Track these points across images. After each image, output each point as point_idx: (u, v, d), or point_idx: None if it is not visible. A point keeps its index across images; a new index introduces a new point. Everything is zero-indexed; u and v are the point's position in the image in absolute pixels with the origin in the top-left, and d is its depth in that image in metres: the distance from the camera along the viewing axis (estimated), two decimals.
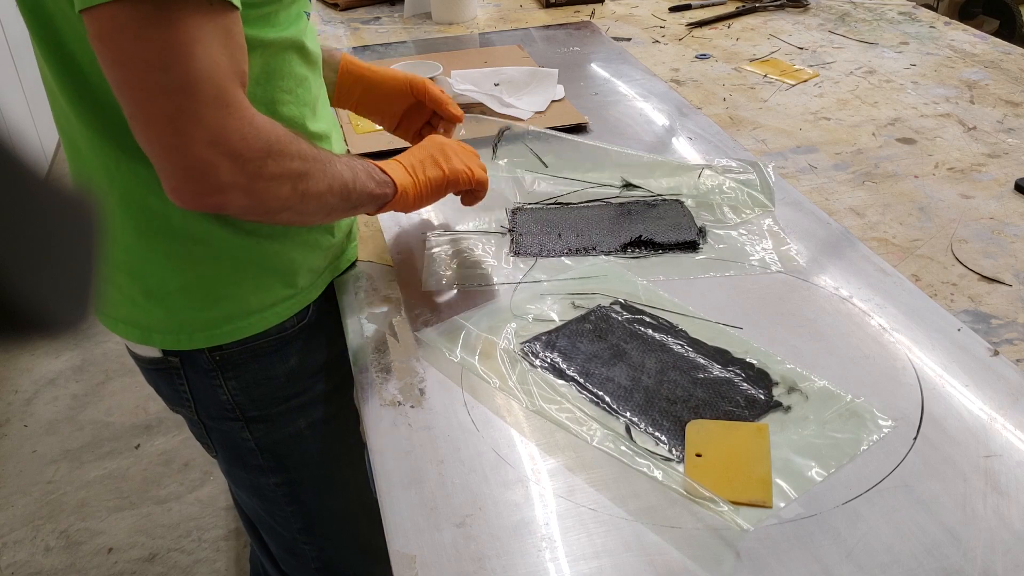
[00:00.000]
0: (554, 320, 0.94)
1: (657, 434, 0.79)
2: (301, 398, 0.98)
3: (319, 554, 1.11)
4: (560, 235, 1.08)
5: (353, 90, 1.08)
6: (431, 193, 0.95)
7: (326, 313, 0.99)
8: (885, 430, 0.78)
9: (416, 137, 1.12)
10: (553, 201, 1.16)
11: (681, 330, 0.91)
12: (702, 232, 1.08)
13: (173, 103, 0.67)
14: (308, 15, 0.87)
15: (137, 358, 0.97)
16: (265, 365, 0.94)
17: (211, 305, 0.88)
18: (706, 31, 1.84)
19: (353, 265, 1.04)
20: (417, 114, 1.11)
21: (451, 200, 1.03)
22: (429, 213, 1.16)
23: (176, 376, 0.94)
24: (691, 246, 1.06)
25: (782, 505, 0.71)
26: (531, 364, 0.87)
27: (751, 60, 1.66)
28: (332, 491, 1.07)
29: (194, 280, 0.86)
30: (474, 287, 1.00)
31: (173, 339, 0.90)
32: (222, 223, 0.84)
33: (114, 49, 0.66)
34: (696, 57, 1.69)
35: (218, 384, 0.94)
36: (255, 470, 1.01)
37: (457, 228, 1.11)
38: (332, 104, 1.06)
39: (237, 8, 0.70)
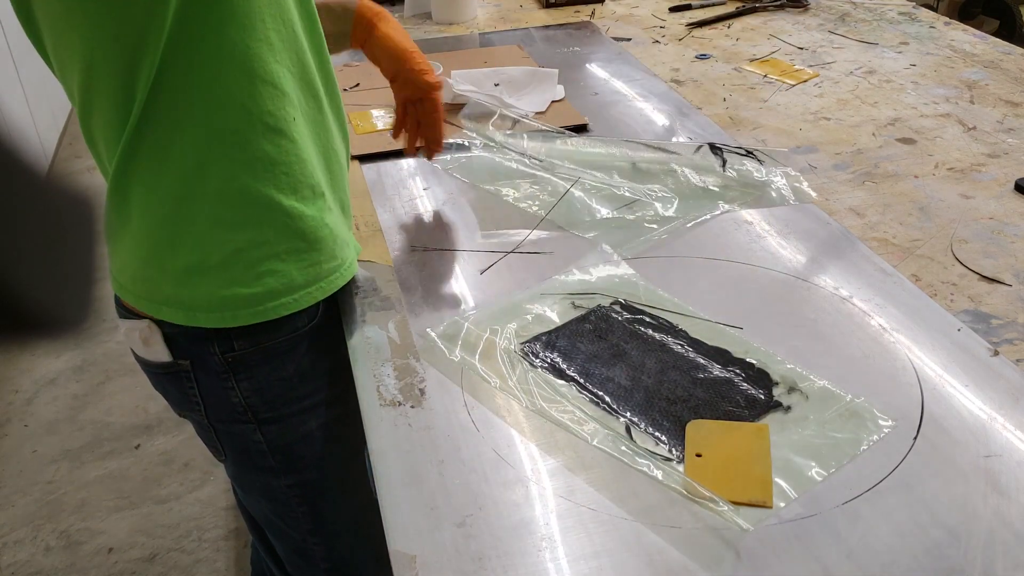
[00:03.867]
0: (554, 320, 0.94)
1: (657, 434, 0.79)
2: (312, 399, 0.98)
3: (329, 554, 1.11)
4: None
5: (364, 33, 1.09)
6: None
7: (335, 314, 0.99)
8: (885, 430, 0.78)
9: (400, 108, 1.13)
10: None
11: (681, 330, 0.91)
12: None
13: None
14: None
15: (145, 363, 0.96)
16: (277, 366, 0.94)
17: (255, 280, 0.87)
18: (706, 31, 1.84)
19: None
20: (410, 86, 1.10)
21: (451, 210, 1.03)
22: (427, 220, 1.16)
23: (186, 379, 0.94)
24: None
25: (782, 505, 0.71)
26: (531, 364, 0.87)
27: (751, 60, 1.66)
28: (344, 492, 1.07)
29: (235, 254, 0.85)
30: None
31: (218, 317, 0.88)
32: (262, 191, 0.84)
33: None
34: (696, 57, 1.69)
35: (230, 386, 0.93)
36: (266, 472, 1.01)
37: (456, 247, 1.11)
38: (345, 45, 1.08)
39: None
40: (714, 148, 1.25)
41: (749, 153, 1.23)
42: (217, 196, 0.83)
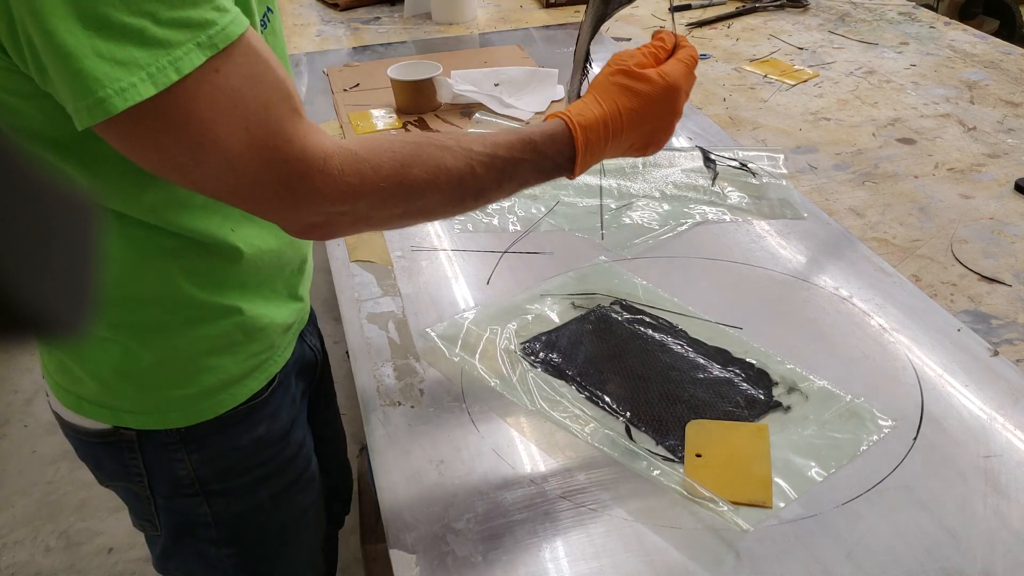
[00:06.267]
0: (554, 320, 0.93)
1: (657, 434, 0.79)
2: (266, 467, 0.89)
3: None
4: None
5: None
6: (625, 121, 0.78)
7: (288, 374, 0.91)
8: (885, 430, 0.78)
9: None
10: None
11: (681, 330, 0.91)
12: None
13: (226, 186, 0.63)
14: (266, 21, 0.75)
15: (75, 430, 0.85)
16: (233, 435, 0.85)
17: (189, 380, 0.80)
18: (706, 31, 1.84)
19: (311, 321, 0.97)
20: None
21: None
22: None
23: (127, 450, 0.84)
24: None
25: (782, 505, 0.71)
26: (531, 364, 0.87)
27: (751, 60, 1.66)
28: (287, 557, 0.99)
29: (169, 355, 0.78)
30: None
31: (144, 419, 0.81)
32: (198, 295, 0.77)
33: (142, 158, 0.63)
34: None
35: (179, 458, 0.84)
36: (206, 542, 0.92)
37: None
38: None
39: (243, 30, 0.60)
40: (708, 160, 1.24)
41: (743, 166, 1.22)
42: (151, 300, 0.76)
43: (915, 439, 0.77)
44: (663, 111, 0.80)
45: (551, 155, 0.75)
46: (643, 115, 0.79)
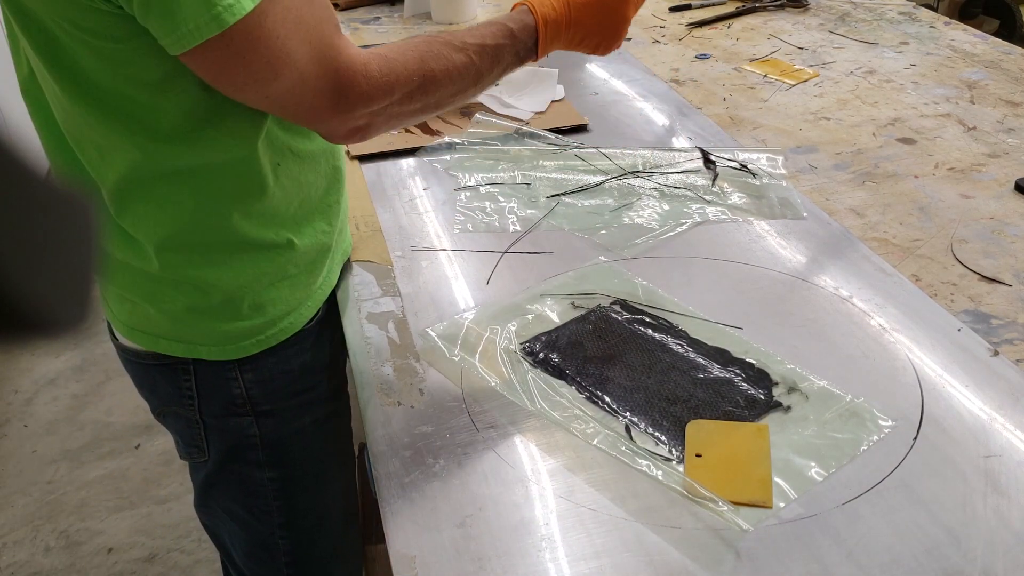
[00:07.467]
0: (554, 320, 0.93)
1: (657, 434, 0.79)
2: (310, 394, 0.99)
3: (293, 548, 1.09)
4: None
5: None
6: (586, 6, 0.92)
7: (331, 310, 1.00)
8: (885, 430, 0.78)
9: None
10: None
11: (681, 330, 0.91)
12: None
13: (296, 98, 0.74)
14: None
15: (133, 354, 0.94)
16: (283, 359, 0.94)
17: (255, 312, 0.89)
18: (706, 31, 1.83)
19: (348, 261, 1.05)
20: None
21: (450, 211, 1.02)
22: (427, 220, 1.16)
23: (182, 371, 0.92)
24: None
25: (782, 505, 0.71)
26: (531, 364, 0.87)
27: (751, 60, 1.66)
28: (321, 488, 1.07)
29: (237, 291, 0.87)
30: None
31: (219, 351, 0.90)
32: (259, 234, 0.85)
33: (230, 78, 0.71)
34: (696, 57, 1.69)
35: (233, 377, 0.93)
36: (251, 464, 1.00)
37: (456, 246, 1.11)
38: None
39: None
40: (708, 161, 1.23)
41: (743, 167, 1.22)
42: (216, 242, 0.85)
43: (915, 439, 0.77)
44: (611, 10, 0.92)
45: (524, 39, 0.90)
46: (594, 10, 0.92)
